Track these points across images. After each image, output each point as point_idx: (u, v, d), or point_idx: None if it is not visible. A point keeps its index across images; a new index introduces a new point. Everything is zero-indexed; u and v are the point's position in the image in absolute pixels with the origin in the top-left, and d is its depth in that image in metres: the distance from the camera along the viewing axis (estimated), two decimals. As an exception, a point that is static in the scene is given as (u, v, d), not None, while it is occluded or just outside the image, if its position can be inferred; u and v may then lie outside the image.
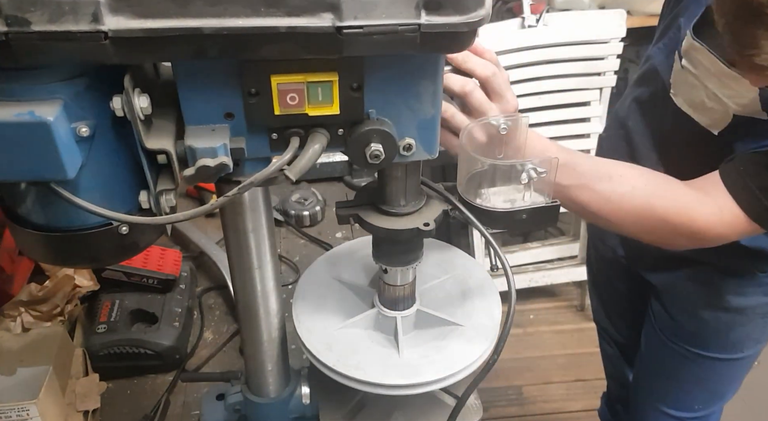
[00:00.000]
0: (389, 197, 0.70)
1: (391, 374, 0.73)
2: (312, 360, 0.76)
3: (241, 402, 0.85)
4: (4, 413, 0.97)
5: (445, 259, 0.88)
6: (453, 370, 0.73)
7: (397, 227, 0.69)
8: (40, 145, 0.49)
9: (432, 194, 0.73)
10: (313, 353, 0.75)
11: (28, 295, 1.21)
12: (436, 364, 0.74)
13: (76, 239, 0.59)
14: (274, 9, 0.47)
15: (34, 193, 0.57)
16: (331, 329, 0.78)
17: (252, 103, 0.55)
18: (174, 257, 1.35)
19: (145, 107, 0.52)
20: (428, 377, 0.73)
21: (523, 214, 0.68)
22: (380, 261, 0.75)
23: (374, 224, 0.70)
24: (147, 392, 1.19)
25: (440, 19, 0.48)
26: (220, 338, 1.31)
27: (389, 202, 0.70)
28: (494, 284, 0.85)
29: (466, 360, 0.74)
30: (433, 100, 0.58)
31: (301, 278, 0.86)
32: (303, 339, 0.77)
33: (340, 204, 0.73)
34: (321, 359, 0.74)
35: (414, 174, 0.68)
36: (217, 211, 0.62)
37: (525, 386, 2.22)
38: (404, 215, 0.70)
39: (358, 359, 0.75)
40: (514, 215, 0.68)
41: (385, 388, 0.73)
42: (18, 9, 0.44)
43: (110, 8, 0.46)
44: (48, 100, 0.50)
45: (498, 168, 0.68)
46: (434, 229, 0.69)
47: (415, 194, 0.70)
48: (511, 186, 0.68)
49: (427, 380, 0.73)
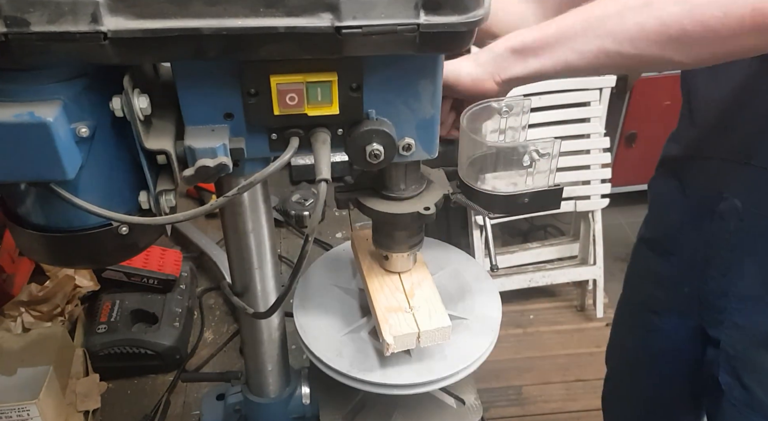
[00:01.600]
0: (389, 182, 0.69)
1: (407, 374, 0.73)
2: (324, 369, 0.76)
3: (241, 402, 0.85)
4: (5, 414, 0.97)
5: (438, 256, 0.88)
6: (467, 362, 0.74)
7: (397, 212, 0.68)
8: (40, 145, 0.49)
9: (432, 179, 0.72)
10: (324, 361, 0.75)
11: (28, 295, 1.21)
12: (448, 359, 0.75)
13: (76, 240, 0.59)
14: (273, 9, 0.47)
15: (34, 194, 0.57)
16: (338, 335, 0.78)
17: (251, 103, 0.55)
18: (174, 257, 1.35)
19: (144, 108, 0.52)
20: (446, 372, 0.73)
21: (525, 197, 0.67)
22: (381, 247, 0.75)
23: (374, 208, 0.69)
24: (147, 392, 1.19)
25: (439, 18, 0.48)
26: (220, 338, 1.31)
27: (389, 187, 0.69)
28: (490, 277, 0.85)
29: (477, 352, 0.75)
30: (432, 100, 0.58)
31: (297, 286, 0.85)
32: (311, 348, 0.76)
33: (339, 188, 0.72)
34: (334, 366, 0.74)
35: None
36: (217, 211, 0.62)
37: (525, 386, 2.22)
38: (404, 199, 0.69)
39: (371, 363, 0.75)
40: (516, 198, 0.67)
41: (405, 388, 0.73)
42: (17, 9, 0.44)
43: (109, 9, 0.46)
44: (47, 100, 0.50)
45: (500, 151, 0.67)
46: (435, 213, 0.68)
47: (415, 179, 0.69)
48: (513, 171, 0.67)
49: (446, 374, 0.73)
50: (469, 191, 0.68)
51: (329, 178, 0.55)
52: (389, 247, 0.75)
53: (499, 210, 0.68)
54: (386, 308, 0.73)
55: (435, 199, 0.69)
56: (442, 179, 0.72)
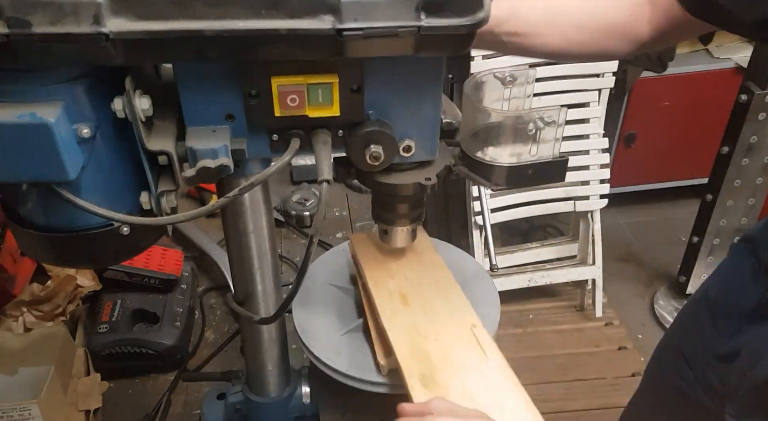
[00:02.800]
0: None
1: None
2: (324, 369, 0.75)
3: (241, 402, 0.85)
4: (6, 413, 0.97)
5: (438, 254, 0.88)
6: None
7: (398, 182, 0.65)
8: (42, 146, 0.49)
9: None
10: (323, 360, 0.75)
11: (30, 295, 1.21)
12: None
13: (78, 240, 0.59)
14: (275, 11, 0.47)
15: (35, 195, 0.57)
16: (337, 335, 0.78)
17: (252, 104, 0.55)
18: (175, 257, 1.35)
19: (146, 109, 0.52)
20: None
21: (529, 169, 0.64)
22: (380, 221, 0.72)
23: (375, 179, 0.66)
24: (148, 391, 1.19)
25: (440, 21, 0.49)
26: (221, 337, 1.31)
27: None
28: (488, 274, 0.84)
29: None
30: (432, 102, 0.58)
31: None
32: (311, 348, 0.76)
33: (338, 159, 0.67)
34: (333, 366, 0.74)
35: None
36: (218, 211, 0.62)
37: (525, 386, 2.21)
38: (405, 169, 0.66)
39: (370, 362, 0.75)
40: (519, 169, 0.64)
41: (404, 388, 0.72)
42: (19, 11, 0.44)
43: (111, 10, 0.46)
44: (49, 101, 0.50)
45: (504, 121, 0.64)
46: (436, 183, 0.65)
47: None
48: (517, 143, 0.64)
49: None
50: (472, 163, 0.65)
51: (331, 178, 0.55)
52: (390, 220, 0.72)
53: (502, 182, 0.65)
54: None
55: (437, 170, 0.66)
56: (444, 151, 0.68)
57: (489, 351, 0.70)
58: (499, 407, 0.63)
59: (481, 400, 0.64)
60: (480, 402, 0.64)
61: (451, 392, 0.65)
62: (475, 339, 0.71)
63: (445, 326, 0.73)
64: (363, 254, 0.82)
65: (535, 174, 0.64)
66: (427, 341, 0.71)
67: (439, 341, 0.71)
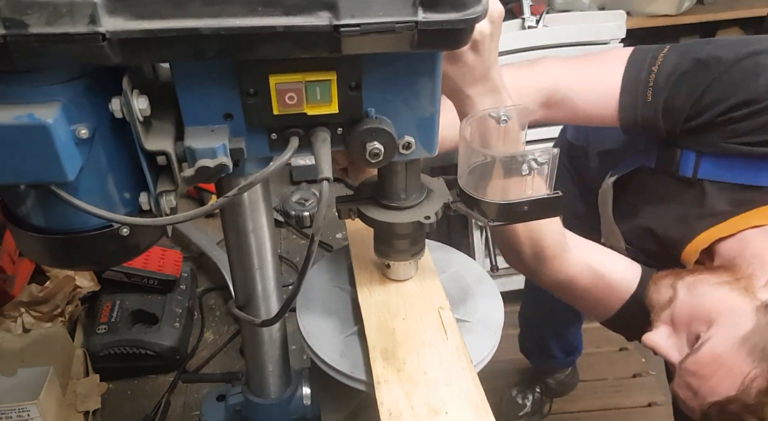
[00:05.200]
0: (390, 191, 0.70)
1: None
2: (327, 370, 0.75)
3: (241, 403, 0.85)
4: (5, 414, 0.97)
5: (439, 258, 0.87)
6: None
7: (397, 221, 0.69)
8: (40, 147, 0.49)
9: (433, 187, 0.72)
10: (327, 362, 0.75)
11: (28, 296, 1.21)
12: None
13: (77, 242, 0.59)
14: (271, 8, 0.47)
15: (34, 196, 0.57)
16: (340, 336, 0.78)
17: (251, 103, 0.55)
18: (174, 257, 1.35)
19: (144, 109, 0.52)
20: None
21: (525, 206, 0.67)
22: (382, 256, 0.75)
23: (375, 217, 0.70)
24: (147, 392, 1.19)
25: (437, 16, 0.48)
26: (220, 338, 1.31)
27: (390, 196, 0.70)
28: (491, 278, 0.85)
29: (480, 355, 0.74)
30: (431, 98, 0.58)
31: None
32: (315, 349, 0.76)
33: (340, 198, 0.72)
34: (337, 367, 0.74)
35: (414, 167, 0.68)
36: (217, 211, 0.62)
37: (525, 385, 2.21)
38: (405, 208, 0.70)
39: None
40: (515, 206, 0.67)
41: None
42: (15, 11, 0.44)
43: (108, 9, 0.46)
44: (47, 102, 0.50)
45: (498, 161, 0.67)
46: (435, 222, 0.69)
47: (415, 188, 0.70)
48: (512, 180, 0.67)
49: None
50: (469, 200, 0.69)
51: (331, 176, 0.55)
52: (390, 255, 0.75)
53: (498, 218, 0.69)
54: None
55: (435, 208, 0.70)
56: (442, 188, 0.73)
57: (450, 332, 0.73)
58: (446, 383, 0.67)
59: (432, 374, 0.68)
60: (431, 376, 0.68)
61: (407, 365, 0.69)
62: (440, 321, 0.75)
63: (414, 307, 0.77)
64: (353, 236, 0.85)
65: (531, 210, 0.68)
66: (396, 319, 0.75)
67: (407, 319, 0.75)
